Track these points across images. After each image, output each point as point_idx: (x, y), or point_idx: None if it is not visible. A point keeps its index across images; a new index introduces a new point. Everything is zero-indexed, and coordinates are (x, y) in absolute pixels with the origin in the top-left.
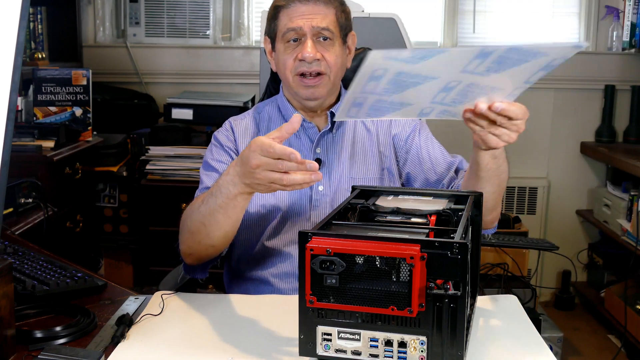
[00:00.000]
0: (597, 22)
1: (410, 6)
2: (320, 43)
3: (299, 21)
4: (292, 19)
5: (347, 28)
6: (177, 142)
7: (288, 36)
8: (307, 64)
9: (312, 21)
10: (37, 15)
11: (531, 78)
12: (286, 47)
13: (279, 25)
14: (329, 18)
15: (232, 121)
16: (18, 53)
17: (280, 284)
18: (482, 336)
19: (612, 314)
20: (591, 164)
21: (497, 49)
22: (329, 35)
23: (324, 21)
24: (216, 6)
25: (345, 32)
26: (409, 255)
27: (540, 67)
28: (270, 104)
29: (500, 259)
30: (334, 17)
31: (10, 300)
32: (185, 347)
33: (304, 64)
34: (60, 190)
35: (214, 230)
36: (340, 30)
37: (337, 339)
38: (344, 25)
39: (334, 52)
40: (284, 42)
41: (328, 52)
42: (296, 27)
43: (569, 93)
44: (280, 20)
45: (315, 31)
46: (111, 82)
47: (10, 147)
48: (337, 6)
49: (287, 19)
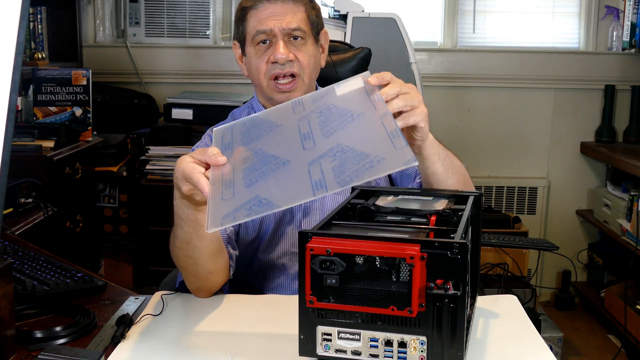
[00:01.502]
0: (597, 22)
1: (410, 6)
2: (292, 43)
3: (268, 22)
4: (260, 21)
5: (319, 25)
6: (177, 142)
7: (258, 39)
8: (280, 65)
9: (282, 22)
10: (37, 15)
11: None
12: (257, 50)
13: (248, 28)
14: (298, 16)
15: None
16: (18, 53)
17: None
18: (482, 336)
19: (612, 314)
20: (591, 164)
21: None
22: (300, 35)
23: (294, 20)
24: (216, 6)
25: (317, 30)
26: (409, 255)
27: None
28: (247, 110)
29: (500, 259)
30: (304, 15)
31: (10, 300)
32: (185, 347)
33: (276, 66)
34: (60, 190)
35: (200, 256)
36: (312, 28)
37: (337, 339)
38: (315, 23)
39: (307, 51)
40: (254, 45)
41: (301, 52)
42: (266, 29)
43: (569, 93)
44: (249, 22)
45: (286, 32)
46: (111, 82)
47: (10, 147)
48: (306, 3)
49: (256, 21)
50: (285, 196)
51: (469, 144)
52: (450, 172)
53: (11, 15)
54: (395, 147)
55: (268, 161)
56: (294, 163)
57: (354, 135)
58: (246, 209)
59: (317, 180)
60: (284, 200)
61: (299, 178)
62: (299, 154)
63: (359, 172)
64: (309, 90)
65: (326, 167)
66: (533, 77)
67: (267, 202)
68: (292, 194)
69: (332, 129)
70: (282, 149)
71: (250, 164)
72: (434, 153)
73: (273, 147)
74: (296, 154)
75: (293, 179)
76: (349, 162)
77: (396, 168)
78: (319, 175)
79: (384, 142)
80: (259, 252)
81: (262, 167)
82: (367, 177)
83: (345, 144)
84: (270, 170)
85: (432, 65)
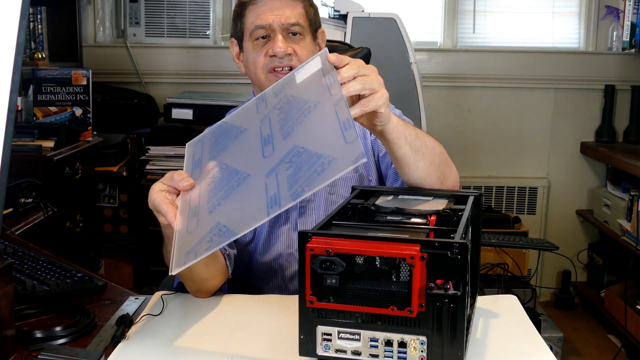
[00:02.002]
0: (597, 22)
1: (410, 6)
2: (291, 38)
3: (267, 17)
4: (259, 16)
5: (317, 23)
6: (177, 142)
7: (257, 34)
8: (279, 59)
9: (281, 17)
10: (37, 15)
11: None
12: (255, 44)
13: (246, 24)
14: (297, 11)
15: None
16: (18, 53)
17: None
18: (482, 336)
19: (612, 314)
20: (591, 164)
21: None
22: (298, 30)
23: (292, 15)
24: (216, 6)
25: (315, 28)
26: (409, 255)
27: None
28: None
29: (500, 259)
30: (302, 11)
31: (10, 300)
32: (185, 347)
33: (275, 60)
34: (60, 190)
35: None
36: (310, 24)
37: (337, 339)
38: (313, 20)
39: (305, 46)
40: (253, 41)
41: (299, 46)
42: (265, 24)
43: (569, 93)
44: (247, 17)
45: (285, 27)
46: (111, 82)
47: (10, 147)
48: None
49: (255, 16)
50: (242, 220)
51: (469, 144)
52: (421, 154)
53: (11, 15)
54: (345, 142)
55: (231, 177)
56: (253, 176)
57: (309, 132)
58: (207, 242)
59: (272, 195)
60: (241, 225)
61: (255, 195)
62: (258, 164)
63: (310, 181)
64: None
65: (281, 178)
66: (533, 77)
67: (226, 229)
68: (248, 216)
69: (290, 127)
70: (244, 161)
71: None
72: (399, 137)
73: (237, 159)
74: (256, 164)
75: (250, 198)
76: (302, 169)
77: (346, 168)
78: (274, 189)
79: (336, 136)
80: (257, 253)
81: (225, 185)
82: (318, 185)
83: (300, 145)
84: (232, 189)
85: (432, 65)
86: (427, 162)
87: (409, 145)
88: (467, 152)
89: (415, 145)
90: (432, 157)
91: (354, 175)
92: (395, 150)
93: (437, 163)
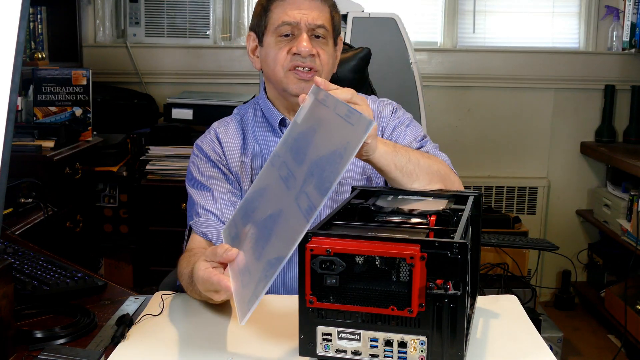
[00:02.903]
0: (597, 22)
1: (410, 6)
2: (315, 40)
3: (295, 14)
4: (287, 12)
5: (338, 31)
6: (177, 142)
7: (282, 30)
8: (302, 58)
9: (309, 17)
10: (37, 15)
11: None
12: (278, 40)
13: (272, 18)
14: (324, 16)
15: (217, 129)
16: (18, 53)
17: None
18: (482, 336)
19: (612, 314)
20: (591, 164)
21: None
22: (323, 34)
23: (320, 18)
24: (216, 6)
25: (337, 34)
26: (409, 255)
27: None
28: (252, 108)
29: (500, 259)
30: (329, 16)
31: (10, 300)
32: (185, 347)
33: (297, 58)
34: (60, 190)
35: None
36: (334, 30)
37: (337, 339)
38: (337, 27)
39: (327, 51)
40: (277, 37)
41: (322, 50)
42: (292, 21)
43: (569, 93)
44: (274, 12)
45: (311, 27)
46: (111, 82)
47: (10, 147)
48: (331, 5)
49: (282, 12)
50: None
51: (469, 144)
52: (415, 175)
53: (11, 15)
54: (352, 124)
55: (267, 224)
56: (286, 208)
57: (319, 145)
58: (262, 280)
59: (306, 207)
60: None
61: (292, 217)
62: (286, 197)
63: (334, 171)
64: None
65: (309, 189)
66: (533, 77)
67: (275, 259)
68: (291, 236)
69: (302, 154)
70: (273, 203)
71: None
72: (386, 164)
73: (267, 208)
74: (285, 198)
75: (288, 222)
76: (326, 169)
77: (361, 140)
78: (306, 201)
79: (342, 127)
80: None
81: (265, 232)
82: (341, 169)
83: (317, 157)
84: (271, 230)
85: (432, 65)
86: (424, 181)
87: (399, 171)
88: (467, 152)
89: (407, 169)
90: (428, 177)
91: (361, 177)
92: (385, 175)
93: (435, 180)
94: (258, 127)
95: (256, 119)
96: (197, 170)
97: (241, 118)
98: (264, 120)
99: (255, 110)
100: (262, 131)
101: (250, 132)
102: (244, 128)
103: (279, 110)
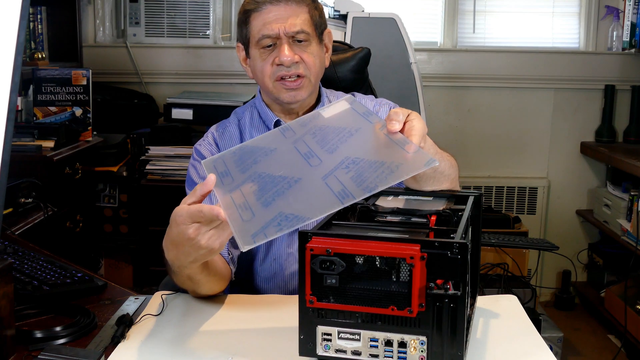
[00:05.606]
0: (597, 22)
1: (410, 6)
2: (297, 45)
3: (273, 26)
4: (265, 25)
5: (322, 25)
6: (177, 142)
7: (263, 43)
8: (286, 67)
9: (286, 25)
10: (37, 15)
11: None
12: (261, 52)
13: (252, 31)
14: (302, 18)
15: (214, 132)
16: (18, 53)
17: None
18: (482, 336)
19: (612, 314)
20: (591, 164)
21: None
22: (304, 38)
23: (297, 23)
24: (216, 6)
25: (321, 30)
26: (409, 255)
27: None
28: (250, 109)
29: (500, 259)
30: (307, 17)
31: (10, 300)
32: (185, 347)
33: (282, 68)
34: (60, 190)
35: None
36: (316, 29)
37: (337, 339)
38: (319, 23)
39: (312, 52)
40: (259, 49)
41: (305, 54)
42: (271, 33)
43: (569, 93)
44: (253, 25)
45: (290, 35)
46: (111, 82)
47: (10, 147)
48: (309, 4)
49: (260, 24)
50: (312, 208)
51: (469, 144)
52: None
53: (11, 15)
54: (408, 152)
55: (278, 182)
56: (306, 180)
57: (359, 147)
58: (274, 226)
59: (339, 190)
60: (312, 212)
61: (318, 192)
62: (308, 171)
63: (381, 179)
64: (314, 90)
65: (344, 178)
66: (533, 77)
67: (295, 216)
68: (318, 206)
69: (333, 145)
70: (288, 169)
71: (259, 186)
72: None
73: (277, 168)
74: (305, 171)
75: (313, 193)
76: (366, 172)
77: (418, 170)
78: (339, 186)
79: (394, 150)
80: (258, 253)
81: (274, 187)
82: (391, 182)
83: (354, 156)
84: (285, 189)
85: (432, 65)
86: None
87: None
88: (467, 152)
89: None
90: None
91: None
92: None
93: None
94: (255, 129)
95: (253, 122)
96: (196, 173)
97: (239, 121)
98: (261, 122)
99: (252, 112)
100: (259, 133)
101: (247, 134)
102: (241, 130)
103: (274, 113)
